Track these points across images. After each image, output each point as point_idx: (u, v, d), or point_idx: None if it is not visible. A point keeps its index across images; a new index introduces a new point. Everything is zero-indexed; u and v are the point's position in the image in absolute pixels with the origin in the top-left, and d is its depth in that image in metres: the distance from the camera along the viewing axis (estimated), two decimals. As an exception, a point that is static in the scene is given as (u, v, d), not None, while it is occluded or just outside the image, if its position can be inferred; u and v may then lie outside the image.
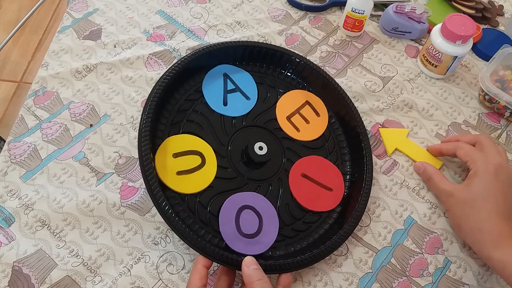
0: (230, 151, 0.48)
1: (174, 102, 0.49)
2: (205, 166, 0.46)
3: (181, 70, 0.49)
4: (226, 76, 0.52)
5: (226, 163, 0.47)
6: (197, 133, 0.48)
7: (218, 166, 0.47)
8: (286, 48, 0.55)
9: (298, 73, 0.55)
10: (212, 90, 0.51)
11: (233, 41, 0.53)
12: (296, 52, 0.55)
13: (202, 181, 0.45)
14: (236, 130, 0.49)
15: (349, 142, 0.52)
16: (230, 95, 0.51)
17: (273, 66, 0.55)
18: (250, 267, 0.39)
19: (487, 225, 0.44)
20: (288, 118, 0.51)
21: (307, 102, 0.53)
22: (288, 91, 0.53)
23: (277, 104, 0.52)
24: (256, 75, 0.53)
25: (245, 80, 0.52)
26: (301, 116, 0.52)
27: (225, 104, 0.50)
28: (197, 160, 0.46)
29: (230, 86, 0.51)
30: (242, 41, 0.53)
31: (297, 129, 0.51)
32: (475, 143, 0.50)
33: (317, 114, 0.53)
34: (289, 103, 0.52)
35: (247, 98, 0.51)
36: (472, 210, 0.45)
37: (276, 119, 0.51)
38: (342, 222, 0.46)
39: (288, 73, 0.55)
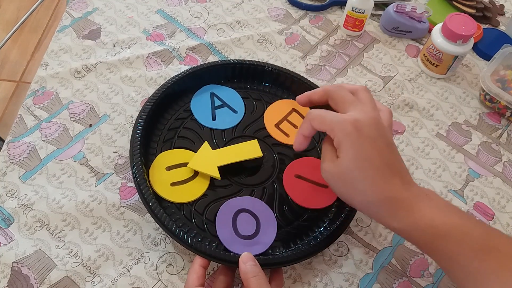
0: None
1: (164, 122, 0.51)
2: (198, 176, 0.47)
3: (163, 95, 0.50)
4: (212, 95, 0.53)
5: (219, 172, 0.48)
6: (189, 147, 0.49)
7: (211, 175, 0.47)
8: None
9: (281, 83, 0.55)
10: (200, 108, 0.52)
11: (214, 62, 0.54)
12: (276, 64, 0.55)
13: (196, 190, 0.46)
14: (227, 141, 0.50)
15: None
16: (218, 111, 0.52)
17: (256, 81, 0.55)
18: (247, 263, 0.39)
19: (375, 196, 0.36)
20: (277, 125, 0.52)
21: (294, 110, 0.53)
22: (274, 101, 0.54)
23: (265, 114, 0.53)
24: (242, 91, 0.54)
25: (231, 96, 0.54)
26: (289, 123, 0.52)
27: (213, 119, 0.52)
28: (190, 171, 0.47)
29: (217, 102, 0.53)
30: (222, 61, 0.54)
31: (287, 135, 0.52)
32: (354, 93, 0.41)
33: None
34: (276, 112, 0.53)
35: (235, 111, 0.53)
36: (351, 185, 0.37)
37: (265, 127, 0.52)
38: (340, 215, 0.46)
39: (271, 85, 0.55)
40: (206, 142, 0.48)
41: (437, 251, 0.36)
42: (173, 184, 0.46)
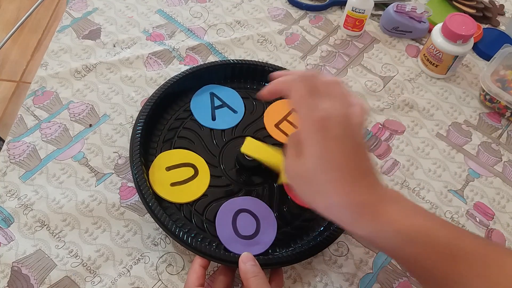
0: (222, 160, 0.49)
1: (164, 122, 0.51)
2: (198, 176, 0.47)
3: (163, 95, 0.50)
4: (212, 95, 0.53)
5: (219, 172, 0.48)
6: (189, 148, 0.49)
7: (211, 175, 0.48)
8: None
9: None
10: (200, 108, 0.52)
11: (214, 62, 0.54)
12: (276, 64, 0.55)
13: (196, 190, 0.46)
14: (226, 142, 0.50)
15: None
16: (218, 111, 0.52)
17: (256, 81, 0.55)
18: (247, 263, 0.39)
19: (339, 198, 0.34)
20: (277, 125, 0.52)
21: (294, 110, 0.53)
22: (274, 101, 0.54)
23: (264, 114, 0.53)
24: (242, 91, 0.54)
25: (231, 96, 0.54)
26: (289, 123, 0.52)
27: (213, 119, 0.52)
28: (190, 172, 0.47)
29: (217, 102, 0.53)
30: (222, 61, 0.54)
31: (287, 135, 0.52)
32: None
33: None
34: (276, 112, 0.53)
35: (235, 111, 0.53)
36: (315, 186, 0.35)
37: (264, 127, 0.52)
38: None
39: None
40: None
41: (404, 256, 0.35)
42: (173, 184, 0.46)
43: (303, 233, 0.46)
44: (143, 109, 0.49)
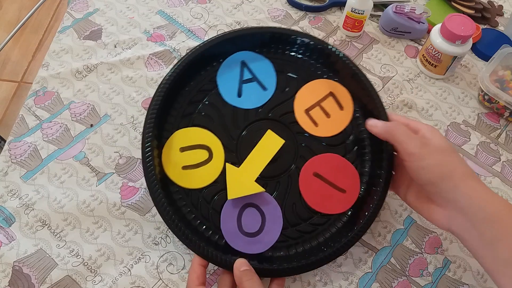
0: (239, 145, 0.46)
1: (186, 94, 0.47)
2: (212, 161, 0.45)
3: (190, 63, 0.46)
4: (243, 65, 0.48)
5: (234, 158, 0.45)
6: (207, 126, 0.46)
7: (225, 161, 0.45)
8: (310, 34, 0.50)
9: (324, 60, 0.49)
10: (227, 80, 0.47)
11: (254, 27, 0.49)
12: (321, 38, 0.50)
13: (208, 176, 0.44)
14: (248, 124, 0.46)
15: (372, 140, 0.46)
16: (246, 85, 0.47)
17: (295, 53, 0.49)
18: (240, 268, 0.39)
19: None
20: (307, 111, 0.47)
21: (331, 94, 0.48)
22: (311, 80, 0.48)
23: (297, 95, 0.48)
24: (278, 62, 0.48)
25: (264, 68, 0.48)
26: (322, 109, 0.47)
27: (239, 95, 0.47)
28: (204, 155, 0.45)
29: (247, 75, 0.47)
30: (264, 26, 0.50)
31: (316, 124, 0.47)
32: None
33: (341, 107, 0.48)
34: (310, 94, 0.48)
35: (264, 88, 0.48)
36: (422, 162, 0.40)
37: (293, 111, 0.47)
38: (351, 226, 0.43)
39: (312, 61, 0.49)
40: (227, 163, 0.44)
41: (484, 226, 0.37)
42: (184, 167, 0.44)
43: (307, 239, 0.44)
44: (169, 74, 0.45)
